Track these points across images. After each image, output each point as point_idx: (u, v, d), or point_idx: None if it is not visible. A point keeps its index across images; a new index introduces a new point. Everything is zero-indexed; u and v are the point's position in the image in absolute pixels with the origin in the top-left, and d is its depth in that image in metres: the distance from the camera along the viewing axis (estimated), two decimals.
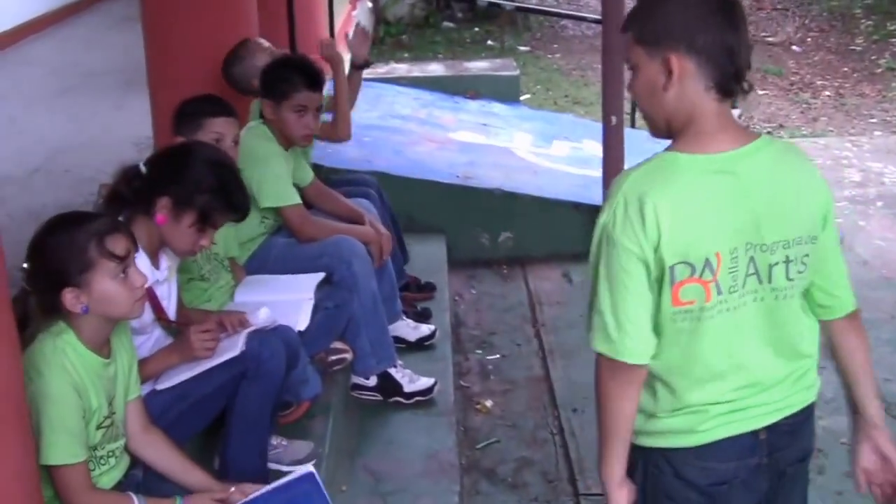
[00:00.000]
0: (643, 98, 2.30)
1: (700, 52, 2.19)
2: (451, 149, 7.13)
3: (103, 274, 2.66)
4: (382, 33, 13.19)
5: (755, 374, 2.31)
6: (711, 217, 2.19)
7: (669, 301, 2.21)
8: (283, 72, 4.38)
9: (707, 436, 2.31)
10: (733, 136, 2.25)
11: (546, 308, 5.90)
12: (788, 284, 2.28)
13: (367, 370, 4.38)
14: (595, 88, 11.57)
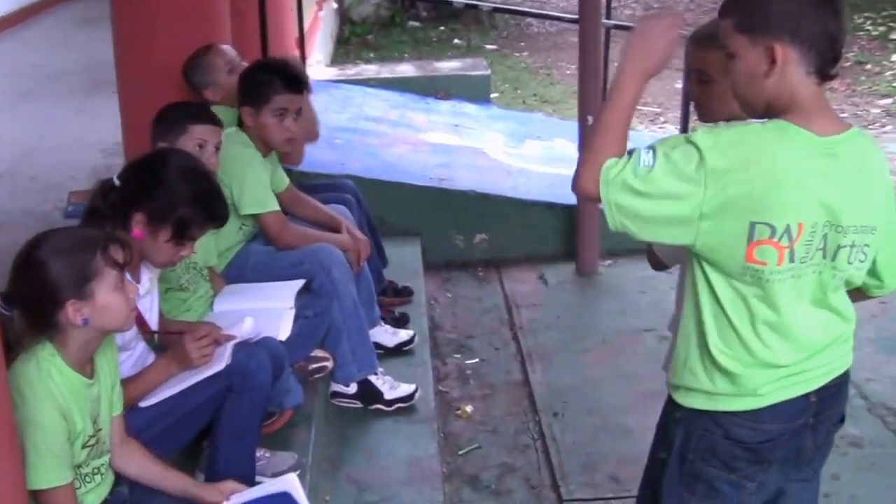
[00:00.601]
0: (742, 84, 2.35)
1: (804, 41, 2.25)
2: (424, 150, 7.07)
3: (107, 284, 2.60)
4: (348, 33, 13.14)
5: (810, 338, 2.40)
6: (804, 189, 2.26)
7: (743, 256, 2.27)
8: (261, 76, 4.30)
9: (765, 400, 2.41)
10: (831, 121, 2.34)
11: (523, 311, 5.86)
12: (847, 267, 2.38)
13: (348, 378, 4.33)
14: (562, 87, 11.60)
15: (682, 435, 2.50)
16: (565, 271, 6.38)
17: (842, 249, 2.35)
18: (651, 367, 5.12)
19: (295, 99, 4.30)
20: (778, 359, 2.39)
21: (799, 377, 2.42)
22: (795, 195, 2.25)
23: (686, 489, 2.53)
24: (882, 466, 4.36)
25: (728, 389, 2.41)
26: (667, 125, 10.40)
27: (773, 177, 2.23)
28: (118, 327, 2.73)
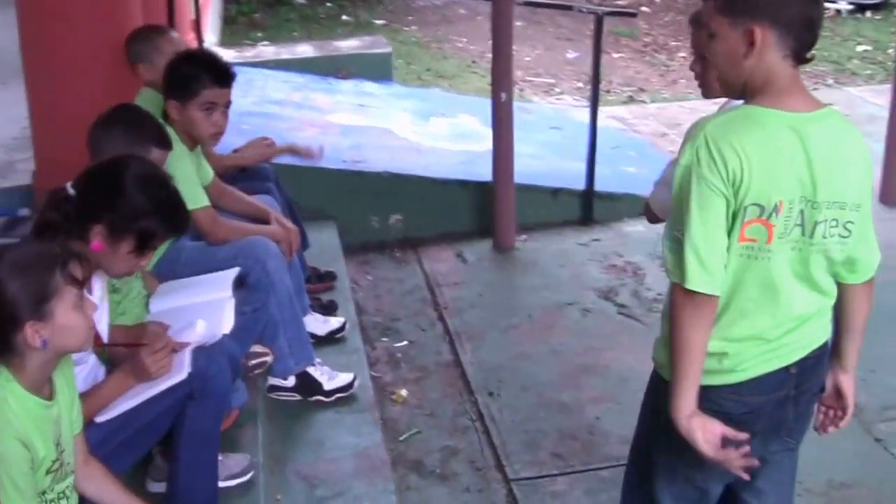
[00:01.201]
0: (721, 64, 2.45)
1: (783, 25, 2.36)
2: (332, 132, 7.00)
3: (67, 302, 2.50)
4: (234, 13, 12.92)
5: (791, 312, 2.51)
6: (783, 167, 2.37)
7: (737, 237, 2.39)
8: (189, 68, 4.18)
9: (746, 374, 2.52)
10: (805, 100, 2.44)
11: (445, 290, 5.86)
12: (824, 242, 2.46)
13: (287, 371, 4.28)
14: (455, 61, 11.60)
15: (668, 407, 2.54)
16: (482, 248, 6.40)
17: (818, 225, 2.43)
18: (578, 341, 5.24)
19: (224, 93, 4.22)
20: (760, 333, 2.50)
21: (779, 351, 2.53)
22: (775, 175, 2.36)
23: (676, 457, 2.64)
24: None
25: (711, 366, 2.50)
26: (563, 96, 10.47)
27: (753, 163, 2.33)
28: (78, 347, 2.65)
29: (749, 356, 2.52)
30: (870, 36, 12.57)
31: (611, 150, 7.21)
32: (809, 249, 2.46)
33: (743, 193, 2.35)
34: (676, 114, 9.13)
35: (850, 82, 10.85)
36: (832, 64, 11.51)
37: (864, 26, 13.05)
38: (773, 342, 2.52)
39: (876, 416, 4.52)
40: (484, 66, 11.55)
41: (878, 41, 12.31)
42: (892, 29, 12.83)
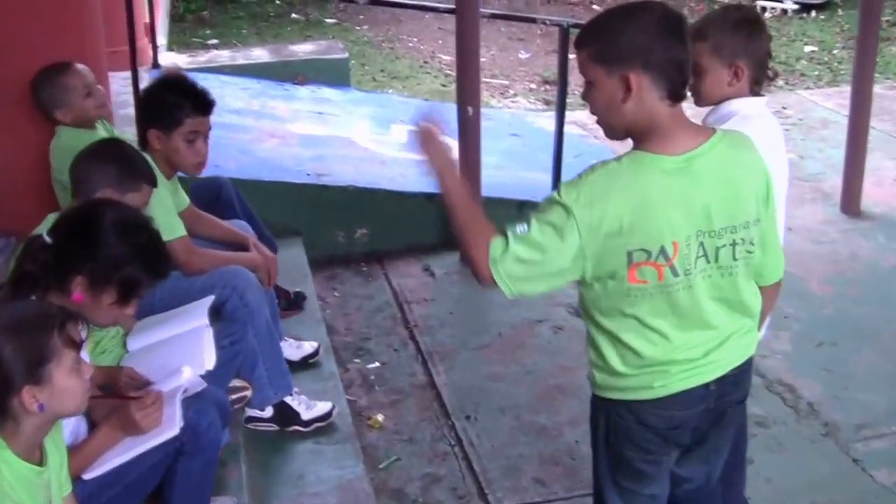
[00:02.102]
0: (602, 110, 2.58)
1: (654, 69, 2.47)
2: (293, 143, 6.92)
3: (64, 366, 2.42)
4: (182, 10, 12.73)
5: (711, 332, 2.66)
6: (669, 211, 2.50)
7: (625, 279, 2.53)
8: (170, 97, 4.10)
9: (666, 390, 2.66)
10: (690, 135, 2.55)
11: (415, 307, 5.81)
12: (734, 263, 2.61)
13: (266, 401, 4.20)
14: (407, 61, 11.55)
15: (603, 422, 2.79)
16: (449, 261, 6.35)
17: (721, 249, 2.59)
18: (551, 361, 5.22)
19: (205, 121, 4.14)
20: (681, 355, 2.65)
21: (701, 369, 2.68)
22: (662, 219, 2.50)
23: (615, 470, 2.83)
24: (789, 445, 4.53)
25: (632, 383, 2.68)
26: (518, 98, 10.45)
27: (638, 209, 2.47)
28: (75, 411, 2.57)
29: (671, 374, 2.65)
30: (815, 36, 12.68)
31: (573, 158, 7.17)
32: (720, 273, 2.61)
33: (624, 241, 2.48)
34: None
35: (799, 83, 10.93)
36: (781, 65, 11.57)
37: (809, 26, 13.16)
38: (695, 361, 2.66)
39: (852, 435, 4.56)
40: (436, 66, 11.53)
41: (823, 42, 12.43)
42: (836, 29, 12.96)
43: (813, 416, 4.70)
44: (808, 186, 7.41)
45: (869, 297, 5.78)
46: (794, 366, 5.09)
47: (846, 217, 6.88)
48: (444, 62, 11.56)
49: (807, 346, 5.28)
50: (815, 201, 7.16)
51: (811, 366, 5.10)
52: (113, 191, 3.50)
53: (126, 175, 3.55)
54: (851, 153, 6.87)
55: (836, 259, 6.29)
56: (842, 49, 12.07)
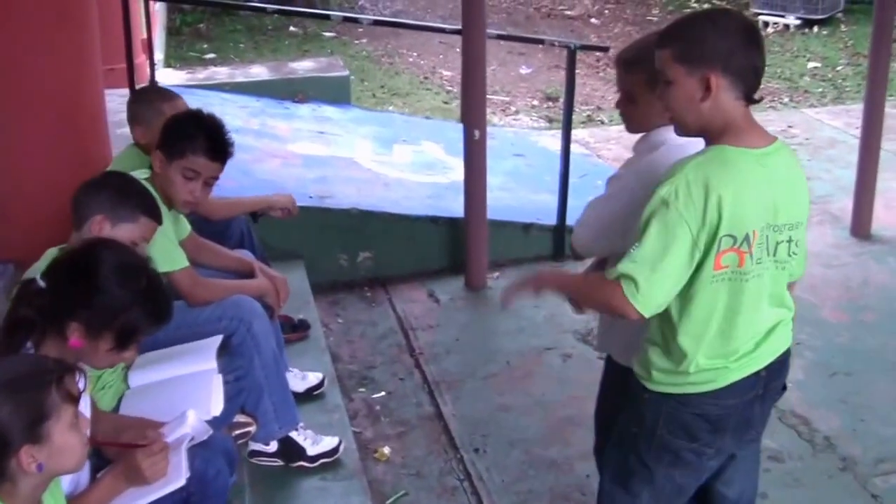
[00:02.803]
0: (678, 107, 2.73)
1: (734, 72, 2.66)
2: (295, 164, 6.82)
3: (63, 422, 2.31)
4: (179, 23, 12.63)
5: (763, 325, 2.83)
6: (753, 200, 2.66)
7: (712, 266, 2.67)
8: (188, 128, 3.97)
9: (725, 381, 2.82)
10: (760, 136, 2.75)
11: (420, 334, 5.70)
12: (787, 259, 2.81)
13: (271, 436, 4.07)
14: (407, 77, 11.45)
15: (651, 414, 2.90)
16: (454, 286, 6.25)
17: (780, 245, 2.77)
18: (561, 390, 5.11)
19: (212, 167, 4.01)
20: (738, 348, 2.80)
21: (752, 358, 2.83)
22: (749, 207, 2.66)
23: (654, 459, 2.95)
24: (805, 481, 4.41)
25: (694, 378, 2.80)
26: (520, 116, 10.35)
27: (731, 197, 2.61)
28: (74, 468, 2.45)
29: (727, 370, 2.81)
30: (819, 52, 12.61)
31: (578, 178, 7.08)
32: (774, 268, 2.78)
33: (717, 227, 2.62)
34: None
35: (803, 100, 10.86)
36: (785, 81, 11.53)
37: (812, 42, 13.09)
38: (748, 353, 2.82)
39: (870, 470, 4.44)
40: (437, 81, 11.44)
41: (827, 58, 12.35)
42: (839, 45, 12.89)
43: (830, 449, 4.58)
44: (817, 209, 7.29)
45: (883, 325, 5.67)
46: (809, 396, 4.96)
47: (857, 240, 6.77)
48: (446, 78, 11.48)
49: (821, 376, 5.16)
50: (824, 224, 7.06)
51: (826, 397, 4.98)
52: (104, 218, 3.38)
53: (121, 204, 3.41)
54: (862, 174, 6.76)
55: (848, 285, 6.18)
56: (846, 65, 12.02)
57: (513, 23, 13.64)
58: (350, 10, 14.29)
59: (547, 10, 15.02)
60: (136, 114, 4.43)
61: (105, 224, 3.39)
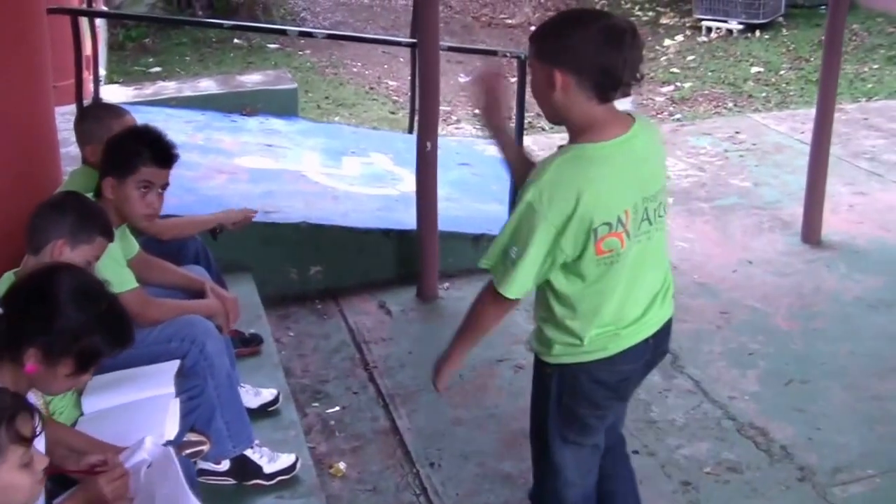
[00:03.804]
0: (537, 97, 2.96)
1: (581, 71, 2.81)
2: (242, 179, 6.73)
3: (11, 463, 2.24)
4: (122, 37, 12.49)
5: (649, 290, 3.10)
6: (620, 186, 2.88)
7: (594, 252, 2.89)
8: (130, 144, 3.94)
9: (618, 348, 3.07)
10: (620, 124, 2.93)
11: (373, 347, 5.64)
12: (660, 221, 3.06)
13: (224, 455, 4.00)
14: (352, 87, 11.41)
15: (555, 387, 3.15)
16: (406, 297, 6.21)
17: (655, 210, 3.01)
18: (513, 403, 5.08)
19: (162, 173, 3.98)
20: (628, 316, 3.07)
21: (641, 324, 3.10)
22: (614, 195, 2.87)
23: (565, 427, 3.21)
24: (764, 491, 4.39)
25: (589, 347, 3.05)
26: (462, 125, 10.33)
27: (591, 193, 2.81)
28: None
29: (619, 336, 3.06)
30: (761, 57, 12.74)
31: None
32: (655, 230, 3.03)
33: (590, 220, 2.83)
34: None
35: (748, 105, 10.96)
36: (729, 86, 11.64)
37: (754, 46, 13.22)
38: (639, 319, 3.09)
39: (828, 479, 4.43)
40: (383, 91, 11.40)
41: (769, 62, 12.47)
42: (781, 49, 13.02)
43: (787, 459, 4.57)
44: (767, 215, 7.35)
45: (835, 332, 5.68)
46: (765, 407, 4.96)
47: (808, 247, 6.80)
48: (391, 88, 11.45)
49: (776, 385, 5.16)
50: (774, 230, 7.10)
51: (782, 406, 4.97)
52: (64, 242, 3.37)
53: (80, 226, 3.41)
54: (812, 180, 6.79)
55: (800, 292, 6.20)
56: (789, 69, 12.14)
57: (449, 32, 13.59)
58: (291, 21, 14.22)
59: (487, 20, 15.03)
60: (85, 132, 4.35)
61: (65, 248, 3.37)
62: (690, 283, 6.32)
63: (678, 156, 8.71)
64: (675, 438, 4.75)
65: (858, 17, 13.47)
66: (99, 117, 4.38)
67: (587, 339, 3.03)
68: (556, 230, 2.83)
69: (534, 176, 2.87)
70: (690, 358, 5.42)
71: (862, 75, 11.67)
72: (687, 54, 13.04)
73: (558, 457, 3.29)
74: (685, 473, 4.51)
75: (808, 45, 12.80)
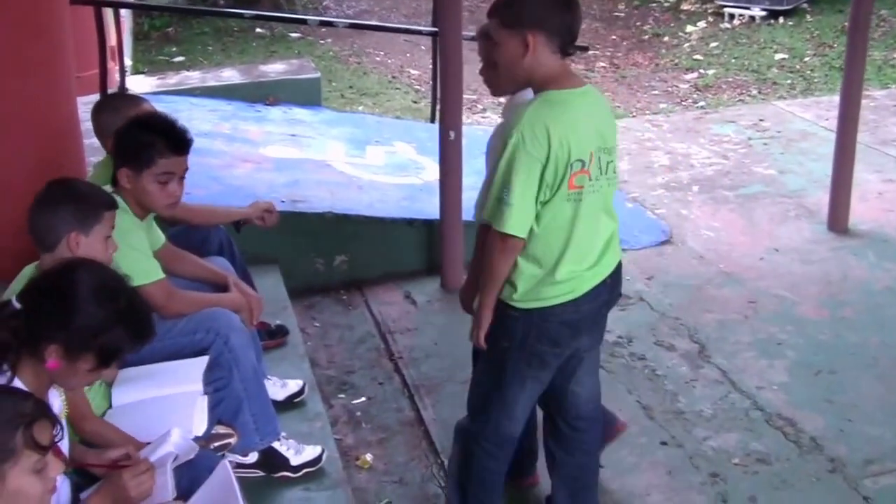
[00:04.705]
0: (506, 64, 3.30)
1: (549, 31, 3.20)
2: (267, 168, 6.73)
3: (23, 467, 2.22)
4: (147, 27, 12.50)
5: (604, 234, 3.43)
6: (584, 128, 3.25)
7: (567, 186, 3.22)
8: (143, 135, 3.87)
9: (583, 290, 3.40)
10: (575, 80, 3.32)
11: (398, 337, 5.63)
12: (613, 176, 3.41)
13: (251, 447, 3.99)
14: (376, 77, 11.39)
15: (522, 328, 3.42)
16: (431, 287, 6.19)
17: (608, 164, 3.35)
18: None
19: (181, 161, 3.94)
20: (589, 259, 3.39)
21: (600, 266, 3.43)
22: (582, 135, 3.22)
23: (525, 364, 3.50)
24: (794, 483, 4.36)
25: (559, 291, 3.36)
26: (487, 114, 10.30)
27: (565, 131, 3.17)
28: None
29: (583, 278, 3.38)
30: (785, 43, 12.63)
31: None
32: (607, 184, 3.36)
33: (566, 155, 3.17)
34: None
35: (772, 93, 10.86)
36: (753, 73, 11.55)
37: (778, 33, 13.10)
38: (597, 263, 3.41)
39: (860, 471, 4.39)
40: (405, 80, 11.37)
41: (793, 49, 12.37)
42: (805, 36, 12.91)
43: (817, 451, 4.53)
44: (792, 203, 7.30)
45: (864, 321, 5.64)
46: (794, 397, 4.93)
47: (834, 235, 6.75)
48: (414, 77, 11.41)
49: (805, 376, 5.13)
50: (800, 218, 7.05)
51: (811, 397, 4.94)
52: (77, 232, 3.35)
53: (83, 211, 3.37)
54: (838, 168, 6.73)
55: (828, 280, 6.15)
56: (813, 56, 12.04)
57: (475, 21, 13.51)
58: (314, 10, 14.19)
59: None
60: (103, 124, 4.32)
61: (80, 238, 3.34)
62: (717, 272, 6.28)
63: (701, 143, 8.66)
64: (702, 429, 4.72)
65: (887, 2, 13.32)
66: (116, 107, 4.35)
67: (559, 274, 3.33)
68: (542, 164, 3.16)
69: (512, 125, 3.21)
70: (718, 348, 5.39)
71: (891, 62, 11.54)
72: (710, 41, 12.95)
73: (511, 394, 3.57)
74: (713, 465, 4.48)
75: (833, 31, 12.68)
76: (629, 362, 5.30)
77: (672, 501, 4.26)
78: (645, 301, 5.93)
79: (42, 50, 4.44)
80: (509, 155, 3.17)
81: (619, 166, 7.82)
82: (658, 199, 7.46)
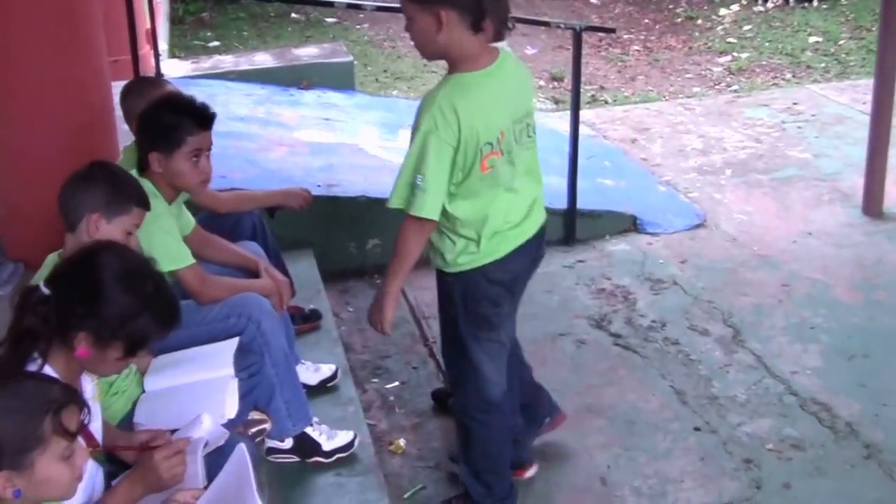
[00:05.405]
0: (419, 39, 3.35)
1: (460, 7, 3.24)
2: (301, 152, 6.75)
3: (52, 454, 2.24)
4: (182, 12, 12.53)
5: (527, 197, 3.62)
6: (495, 109, 3.37)
7: (479, 169, 3.36)
8: (168, 117, 3.91)
9: (508, 249, 3.56)
10: (489, 55, 3.40)
11: (432, 322, 5.63)
12: (528, 141, 3.56)
13: (284, 434, 4.03)
14: (410, 60, 11.36)
15: (458, 292, 3.62)
16: None
17: (522, 131, 3.49)
18: (576, 378, 5.06)
19: (207, 136, 3.98)
20: (512, 221, 3.55)
21: (524, 226, 3.60)
22: (492, 116, 3.34)
23: (476, 328, 3.67)
24: (829, 470, 4.34)
25: (483, 251, 3.52)
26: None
27: (475, 115, 3.28)
28: (59, 497, 2.36)
29: (507, 238, 3.54)
30: (819, 26, 12.48)
31: (586, 160, 7.02)
32: (524, 149, 3.52)
33: (475, 139, 3.28)
34: (642, 117, 8.95)
35: (806, 76, 10.76)
36: (787, 57, 11.44)
37: (812, 16, 12.96)
38: (521, 224, 3.57)
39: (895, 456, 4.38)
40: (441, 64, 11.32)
41: (828, 32, 12.23)
42: (840, 19, 12.75)
43: (852, 436, 4.51)
44: (826, 187, 7.24)
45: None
46: (828, 382, 4.91)
47: (869, 219, 6.69)
48: None
49: (839, 360, 5.10)
50: (834, 202, 6.99)
51: (845, 381, 4.91)
52: (100, 215, 3.36)
53: (114, 198, 3.39)
54: (873, 152, 6.67)
55: (862, 264, 6.11)
56: (848, 39, 11.90)
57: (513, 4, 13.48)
58: None
59: None
60: (132, 108, 4.33)
61: (100, 221, 3.35)
62: (750, 255, 6.25)
63: (734, 127, 8.59)
64: (736, 415, 4.71)
65: None
66: (141, 92, 4.38)
67: (483, 240, 3.49)
68: (453, 149, 3.27)
69: (423, 109, 3.32)
70: (752, 332, 5.37)
71: None
72: (743, 24, 12.83)
73: (475, 356, 3.71)
74: (747, 451, 4.47)
75: (869, 14, 12.52)
76: (663, 347, 5.29)
77: (705, 488, 4.25)
78: (678, 285, 5.91)
79: (72, 32, 4.46)
80: (421, 140, 3.29)
81: (652, 149, 8.11)
82: (691, 182, 7.43)
